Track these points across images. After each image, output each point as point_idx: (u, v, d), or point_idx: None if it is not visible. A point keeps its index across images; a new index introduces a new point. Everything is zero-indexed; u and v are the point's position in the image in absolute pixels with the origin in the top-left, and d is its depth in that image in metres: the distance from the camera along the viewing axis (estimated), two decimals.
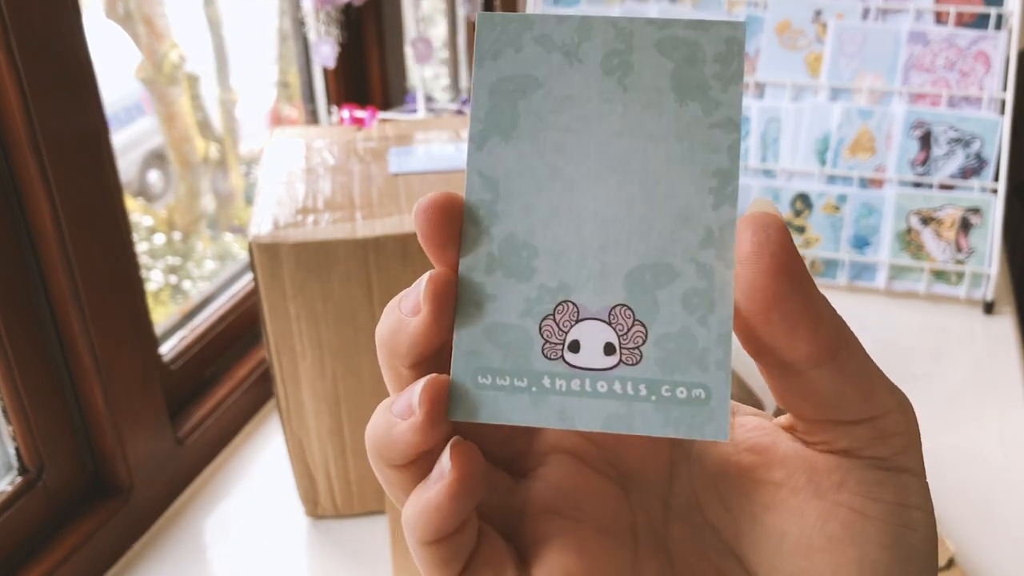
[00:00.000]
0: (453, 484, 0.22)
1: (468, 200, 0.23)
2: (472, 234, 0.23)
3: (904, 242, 1.06)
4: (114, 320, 0.68)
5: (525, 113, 0.23)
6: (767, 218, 0.21)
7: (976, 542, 0.70)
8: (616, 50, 0.23)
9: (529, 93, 0.23)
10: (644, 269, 0.22)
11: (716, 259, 0.22)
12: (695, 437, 0.21)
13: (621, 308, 0.22)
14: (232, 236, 1.19)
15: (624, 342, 0.22)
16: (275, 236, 0.64)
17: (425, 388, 0.22)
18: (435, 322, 0.22)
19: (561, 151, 0.23)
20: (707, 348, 0.22)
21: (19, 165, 0.60)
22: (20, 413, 0.63)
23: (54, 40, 0.60)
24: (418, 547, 0.23)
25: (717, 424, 0.21)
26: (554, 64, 0.23)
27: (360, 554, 0.72)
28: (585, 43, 0.23)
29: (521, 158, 0.23)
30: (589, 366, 0.22)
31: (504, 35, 0.23)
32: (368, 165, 0.74)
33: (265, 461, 0.82)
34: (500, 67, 0.23)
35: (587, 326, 0.22)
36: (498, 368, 0.22)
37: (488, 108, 0.23)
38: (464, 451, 0.22)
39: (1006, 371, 0.93)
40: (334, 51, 0.99)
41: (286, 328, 0.66)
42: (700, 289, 0.22)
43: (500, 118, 0.23)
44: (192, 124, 1.10)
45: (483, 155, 0.23)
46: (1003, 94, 1.05)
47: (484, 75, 0.23)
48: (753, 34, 1.14)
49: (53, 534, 0.66)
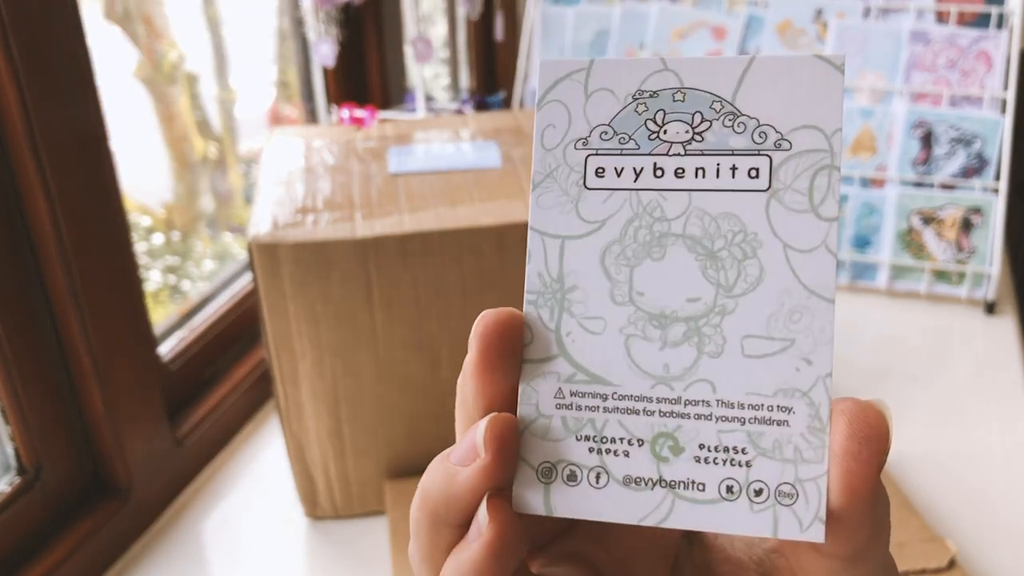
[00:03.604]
0: (494, 541, 0.20)
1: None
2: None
3: (905, 242, 1.06)
4: (113, 320, 0.68)
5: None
6: (874, 414, 0.20)
7: (977, 543, 0.70)
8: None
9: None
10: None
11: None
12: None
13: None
14: (231, 236, 1.19)
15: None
16: (274, 236, 0.63)
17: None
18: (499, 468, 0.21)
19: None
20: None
21: (18, 165, 0.60)
22: (18, 413, 0.63)
23: (53, 40, 0.60)
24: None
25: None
26: None
27: (360, 555, 0.71)
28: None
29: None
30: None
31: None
32: (367, 165, 0.74)
33: (264, 462, 0.81)
34: None
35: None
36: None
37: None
38: (501, 506, 0.21)
39: (1007, 371, 0.93)
40: (333, 50, 0.99)
41: (285, 328, 0.65)
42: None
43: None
44: (191, 123, 1.10)
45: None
46: (1004, 93, 1.04)
47: None
48: (754, 34, 1.14)
49: (51, 535, 0.66)
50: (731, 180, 0.22)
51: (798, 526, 0.20)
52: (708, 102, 0.22)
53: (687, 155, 0.22)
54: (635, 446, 0.22)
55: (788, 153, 0.21)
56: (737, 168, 0.22)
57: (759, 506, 0.21)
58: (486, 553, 0.20)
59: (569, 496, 0.22)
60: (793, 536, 0.20)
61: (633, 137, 0.22)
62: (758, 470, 0.21)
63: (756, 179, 0.21)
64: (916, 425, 0.85)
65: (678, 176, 0.22)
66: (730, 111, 0.22)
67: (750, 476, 0.21)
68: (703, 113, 0.22)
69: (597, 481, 0.22)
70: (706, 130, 0.22)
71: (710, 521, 0.21)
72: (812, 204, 0.21)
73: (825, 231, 0.21)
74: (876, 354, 0.97)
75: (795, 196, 0.21)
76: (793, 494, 0.21)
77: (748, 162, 0.22)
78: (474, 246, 0.65)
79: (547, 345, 0.22)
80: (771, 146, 0.21)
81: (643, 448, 0.21)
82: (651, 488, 0.21)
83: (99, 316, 0.66)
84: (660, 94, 0.22)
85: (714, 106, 0.22)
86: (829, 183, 0.21)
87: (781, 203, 0.21)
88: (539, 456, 0.22)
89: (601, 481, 0.22)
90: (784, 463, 0.21)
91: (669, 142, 0.22)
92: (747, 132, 0.22)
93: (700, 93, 0.22)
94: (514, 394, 0.22)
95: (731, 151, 0.22)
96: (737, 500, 0.21)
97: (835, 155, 0.21)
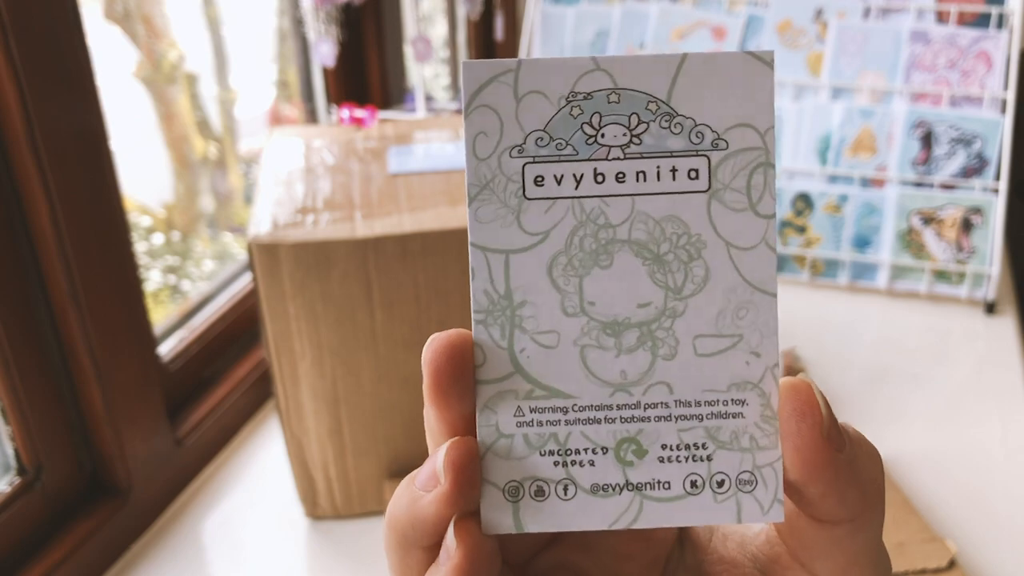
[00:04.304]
0: (462, 563, 0.20)
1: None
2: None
3: (905, 242, 1.06)
4: (113, 320, 0.68)
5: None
6: (803, 390, 0.21)
7: (977, 543, 0.70)
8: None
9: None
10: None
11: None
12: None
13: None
14: (231, 236, 1.19)
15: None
16: (274, 236, 0.63)
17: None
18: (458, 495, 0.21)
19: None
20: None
21: (18, 165, 0.60)
22: (18, 413, 0.63)
23: (53, 40, 0.60)
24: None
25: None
26: None
27: (359, 555, 0.71)
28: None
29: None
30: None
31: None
32: (367, 165, 0.74)
33: (264, 462, 0.81)
34: None
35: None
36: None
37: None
38: (468, 528, 0.21)
39: (1007, 371, 0.93)
40: (333, 50, 0.99)
41: (285, 328, 0.65)
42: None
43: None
44: (191, 123, 1.10)
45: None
46: (1004, 93, 1.04)
47: None
48: (754, 33, 1.14)
49: (51, 535, 0.66)
50: (672, 182, 0.22)
51: (759, 510, 0.21)
52: (644, 103, 0.21)
53: (627, 159, 0.22)
54: (600, 454, 0.22)
55: (725, 152, 0.21)
56: (677, 170, 0.21)
57: (722, 496, 0.22)
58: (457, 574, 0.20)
59: (538, 511, 0.22)
60: (756, 520, 0.22)
61: (570, 142, 0.22)
62: (719, 462, 0.22)
63: (696, 180, 0.21)
64: (916, 425, 0.85)
65: (619, 181, 0.22)
66: (666, 112, 0.21)
67: (712, 469, 0.22)
68: (639, 115, 0.21)
69: (565, 493, 0.22)
70: (644, 132, 0.22)
71: (678, 516, 0.22)
72: (751, 202, 0.21)
73: (764, 228, 0.21)
74: (876, 354, 0.97)
75: (734, 195, 0.21)
76: (752, 480, 0.22)
77: (687, 163, 0.21)
78: None
79: (501, 364, 0.22)
80: (708, 146, 0.21)
81: (608, 455, 0.22)
82: (619, 493, 0.22)
83: (99, 316, 0.66)
84: (594, 95, 0.21)
85: (650, 107, 0.21)
86: (765, 180, 0.21)
87: (721, 203, 0.21)
88: (504, 476, 0.22)
89: (569, 493, 0.22)
90: (742, 453, 0.22)
91: (608, 146, 0.22)
92: (684, 133, 0.21)
93: (635, 94, 0.21)
94: (475, 415, 0.22)
95: (670, 153, 0.21)
96: (702, 493, 0.22)
97: (769, 152, 0.21)
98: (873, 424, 0.84)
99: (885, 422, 0.85)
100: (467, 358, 0.21)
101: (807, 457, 0.20)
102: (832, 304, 1.06)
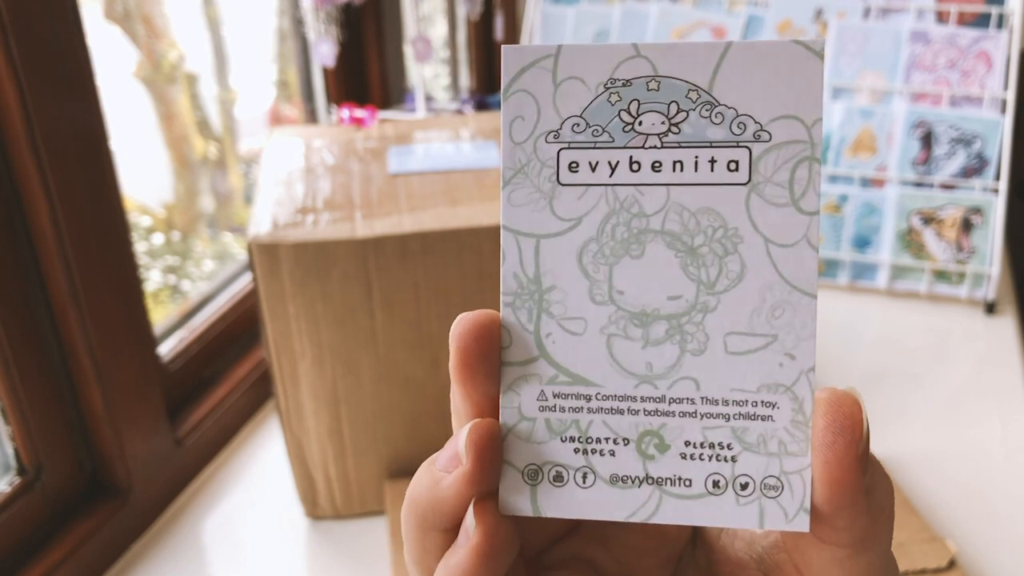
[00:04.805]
0: (481, 544, 0.20)
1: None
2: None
3: (905, 242, 1.06)
4: (113, 320, 0.68)
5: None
6: (848, 404, 0.20)
7: (977, 543, 0.70)
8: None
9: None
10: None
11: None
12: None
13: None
14: (231, 236, 1.19)
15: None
16: (274, 236, 0.63)
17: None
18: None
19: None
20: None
21: (18, 165, 0.60)
22: (18, 413, 0.63)
23: (53, 40, 0.60)
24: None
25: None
26: None
27: (360, 555, 0.71)
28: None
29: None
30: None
31: None
32: (367, 165, 0.74)
33: (264, 462, 0.81)
34: None
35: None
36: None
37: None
38: (488, 509, 0.21)
39: (1007, 371, 0.93)
40: (333, 50, 0.99)
41: (285, 328, 0.65)
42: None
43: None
44: (191, 123, 1.10)
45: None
46: (1004, 93, 1.04)
47: None
48: (754, 33, 1.14)
49: (51, 535, 0.66)
50: (710, 173, 0.21)
51: (783, 517, 0.21)
52: (684, 91, 0.21)
53: (664, 148, 0.21)
54: (621, 445, 0.22)
55: (768, 145, 0.21)
56: (716, 161, 0.21)
57: (745, 499, 0.21)
58: (474, 557, 0.20)
59: (556, 497, 0.22)
60: (779, 527, 0.21)
61: (607, 129, 0.21)
62: (743, 464, 0.21)
63: (736, 172, 0.21)
64: (916, 425, 0.85)
65: (655, 170, 0.21)
66: (707, 101, 0.21)
67: (736, 470, 0.21)
68: (679, 103, 0.21)
69: (584, 481, 0.22)
70: (683, 121, 0.21)
71: (697, 515, 0.21)
72: (793, 197, 0.21)
73: (806, 225, 0.21)
74: (876, 354, 0.97)
75: (775, 189, 0.21)
76: (778, 486, 0.21)
77: (727, 154, 0.21)
78: (474, 246, 0.65)
79: (527, 347, 0.22)
80: (750, 137, 0.21)
81: (629, 447, 0.22)
82: (638, 486, 0.21)
83: (99, 316, 0.66)
84: (633, 83, 0.21)
85: (690, 95, 0.21)
86: (809, 175, 0.21)
87: (761, 197, 0.21)
88: (524, 458, 0.22)
89: (588, 481, 0.22)
90: (769, 457, 0.21)
91: (645, 134, 0.21)
92: (725, 123, 0.21)
93: (675, 82, 0.21)
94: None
95: (709, 143, 0.21)
96: (724, 494, 0.21)
97: (815, 146, 0.21)
98: (873, 424, 0.84)
99: (885, 422, 0.85)
100: (494, 338, 0.21)
101: (835, 475, 0.20)
102: (832, 304, 1.06)
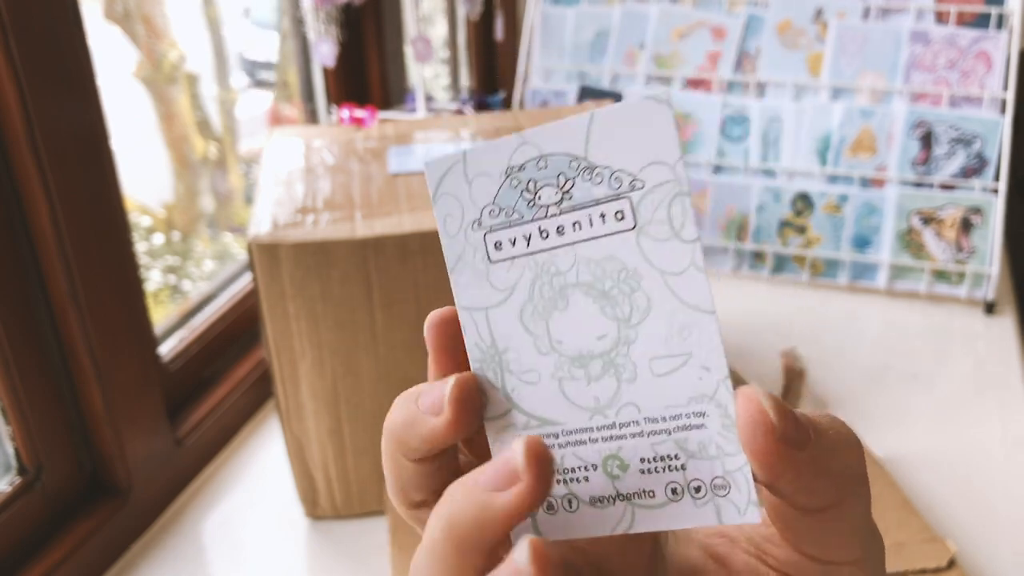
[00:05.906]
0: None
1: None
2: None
3: (905, 242, 1.06)
4: (113, 320, 0.68)
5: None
6: (751, 399, 0.22)
7: (977, 542, 0.70)
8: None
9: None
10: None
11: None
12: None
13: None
14: (231, 236, 1.19)
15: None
16: (274, 236, 0.63)
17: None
18: (456, 425, 0.24)
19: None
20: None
21: (18, 165, 0.60)
22: (19, 414, 0.63)
23: (53, 40, 0.60)
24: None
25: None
26: None
27: (360, 555, 0.71)
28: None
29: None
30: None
31: None
32: (367, 165, 0.74)
33: (264, 462, 0.81)
34: None
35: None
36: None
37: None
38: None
39: (1007, 371, 0.93)
40: (333, 50, 0.99)
41: (285, 328, 0.65)
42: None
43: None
44: (191, 123, 1.10)
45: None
46: (1004, 93, 1.04)
47: None
48: (754, 33, 1.14)
49: (51, 535, 0.66)
50: (603, 226, 0.24)
51: (737, 512, 0.23)
52: (567, 162, 0.24)
53: (563, 213, 0.24)
54: (591, 471, 0.24)
55: (643, 191, 0.23)
56: (605, 215, 0.24)
57: (701, 501, 0.24)
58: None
59: (552, 523, 0.25)
60: (734, 520, 0.23)
61: (516, 209, 0.25)
62: (692, 471, 0.24)
63: (623, 220, 0.24)
64: (916, 425, 0.85)
65: (560, 234, 0.24)
66: (586, 166, 0.24)
67: (687, 477, 0.24)
68: (565, 173, 0.24)
69: (570, 506, 0.25)
70: (572, 188, 0.24)
71: (665, 521, 0.24)
72: (674, 231, 0.23)
73: (691, 252, 0.23)
74: (876, 354, 0.97)
75: (659, 227, 0.23)
76: (726, 485, 0.23)
77: (613, 207, 0.24)
78: None
79: (499, 403, 0.25)
80: (628, 188, 0.23)
81: (597, 471, 0.24)
82: (613, 503, 0.24)
83: (99, 316, 0.66)
84: (526, 166, 0.24)
85: (572, 165, 0.24)
86: (683, 208, 0.23)
87: (649, 236, 0.23)
88: None
89: (573, 506, 0.25)
90: (711, 460, 0.23)
91: (545, 205, 0.24)
92: (605, 181, 0.24)
93: (558, 156, 0.24)
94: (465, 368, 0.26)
95: (596, 201, 0.24)
96: (682, 499, 0.24)
97: (681, 182, 0.23)
98: (873, 424, 0.84)
99: (885, 422, 0.85)
100: (454, 328, 0.25)
101: (766, 461, 0.22)
102: (832, 304, 1.06)
